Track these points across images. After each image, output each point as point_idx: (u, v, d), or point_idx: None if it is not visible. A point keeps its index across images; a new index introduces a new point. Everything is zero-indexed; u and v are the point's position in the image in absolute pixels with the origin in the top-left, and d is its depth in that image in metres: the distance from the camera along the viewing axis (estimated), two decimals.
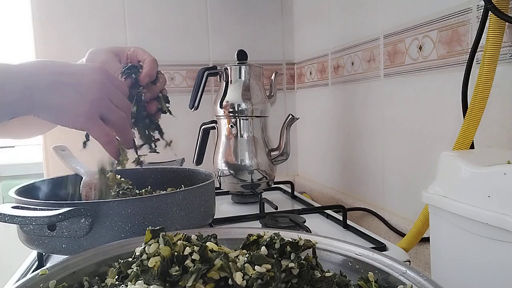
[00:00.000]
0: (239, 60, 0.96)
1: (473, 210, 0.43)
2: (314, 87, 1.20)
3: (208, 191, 0.64)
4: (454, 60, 0.67)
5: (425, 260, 0.73)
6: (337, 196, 1.06)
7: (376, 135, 0.90)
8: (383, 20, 0.84)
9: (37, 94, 0.48)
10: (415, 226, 0.65)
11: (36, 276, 0.34)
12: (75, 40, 1.15)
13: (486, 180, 0.43)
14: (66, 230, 0.50)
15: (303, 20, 1.26)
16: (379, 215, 0.87)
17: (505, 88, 0.58)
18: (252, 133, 0.95)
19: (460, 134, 0.57)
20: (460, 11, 0.65)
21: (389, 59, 0.83)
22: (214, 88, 1.25)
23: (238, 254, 0.34)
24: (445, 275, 0.50)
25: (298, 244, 0.36)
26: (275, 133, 0.98)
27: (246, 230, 0.43)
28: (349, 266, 0.39)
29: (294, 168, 1.36)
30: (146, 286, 0.31)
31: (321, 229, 0.74)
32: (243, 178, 0.95)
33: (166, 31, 1.21)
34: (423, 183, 0.54)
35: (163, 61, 1.20)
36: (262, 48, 1.29)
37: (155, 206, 0.55)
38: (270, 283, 0.31)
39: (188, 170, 0.79)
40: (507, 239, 0.40)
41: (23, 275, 0.61)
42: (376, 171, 0.91)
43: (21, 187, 0.63)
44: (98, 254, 0.39)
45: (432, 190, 0.51)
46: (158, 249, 0.32)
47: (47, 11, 1.13)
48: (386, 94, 0.85)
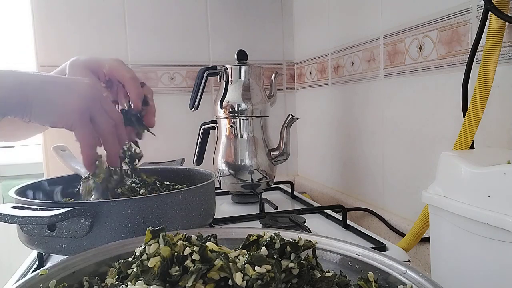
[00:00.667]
0: (239, 60, 0.96)
1: (473, 210, 0.43)
2: (314, 87, 1.20)
3: (208, 191, 0.64)
4: (454, 60, 0.67)
5: (425, 260, 0.73)
6: (337, 196, 1.06)
7: (376, 135, 0.90)
8: (383, 20, 0.84)
9: (30, 89, 0.48)
10: (415, 226, 0.65)
11: (36, 276, 0.34)
12: (75, 40, 1.15)
13: (486, 180, 0.43)
14: (66, 230, 0.50)
15: (303, 20, 1.26)
16: (379, 215, 0.87)
17: (505, 88, 0.58)
18: (252, 133, 0.95)
19: (460, 134, 0.57)
20: (460, 11, 0.65)
21: (389, 59, 0.83)
22: (214, 88, 1.25)
23: (238, 254, 0.34)
24: (445, 275, 0.50)
25: (298, 244, 0.36)
26: (275, 133, 0.98)
27: (246, 230, 0.43)
28: (349, 266, 0.39)
29: (294, 168, 1.36)
30: (146, 286, 0.31)
31: (321, 229, 0.74)
32: (243, 178, 0.95)
33: (166, 31, 1.21)
34: (423, 183, 0.54)
35: (163, 61, 1.22)
36: (262, 48, 1.29)
37: (155, 206, 0.54)
38: (270, 284, 0.31)
39: (188, 170, 0.79)
40: (507, 239, 0.40)
41: (23, 275, 0.61)
42: (376, 171, 0.91)
43: (21, 187, 0.63)
44: (98, 254, 0.39)
45: (432, 190, 0.51)
46: (158, 249, 0.32)
47: (47, 11, 1.13)
48: (386, 94, 0.85)
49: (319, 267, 0.36)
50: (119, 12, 1.18)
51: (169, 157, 1.08)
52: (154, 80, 1.21)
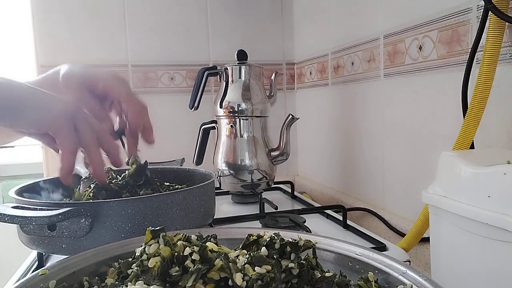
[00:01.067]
0: (239, 60, 0.96)
1: (473, 210, 0.43)
2: (314, 87, 1.20)
3: (208, 191, 0.64)
4: (454, 60, 0.67)
5: (425, 260, 0.73)
6: (337, 196, 1.06)
7: (376, 135, 0.90)
8: (383, 20, 0.84)
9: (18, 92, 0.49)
10: (415, 226, 0.65)
11: (36, 276, 0.34)
12: (75, 40, 1.15)
13: (486, 180, 0.43)
14: (66, 230, 0.50)
15: (303, 20, 1.26)
16: (379, 215, 0.87)
17: (505, 88, 0.58)
18: (252, 133, 0.95)
19: (460, 134, 0.57)
20: (460, 11, 0.65)
21: (389, 59, 0.83)
22: (214, 88, 1.25)
23: (238, 254, 0.34)
24: (445, 275, 0.50)
25: (298, 244, 0.36)
26: (275, 133, 0.98)
27: (246, 230, 0.43)
28: (349, 266, 0.39)
29: (294, 168, 1.36)
30: (146, 287, 0.31)
31: (321, 229, 0.74)
32: (243, 178, 0.95)
33: (166, 31, 1.21)
34: (423, 183, 0.54)
35: (163, 61, 1.22)
36: (262, 48, 1.29)
37: (155, 206, 0.54)
38: (270, 284, 0.31)
39: (188, 170, 0.79)
40: (507, 239, 0.40)
41: (23, 275, 0.61)
42: (376, 171, 0.91)
43: (21, 187, 0.63)
44: (98, 254, 0.39)
45: (432, 190, 0.51)
46: (158, 249, 0.32)
47: (47, 11, 1.13)
48: (386, 94, 0.85)
49: (319, 267, 0.36)
50: (119, 12, 1.18)
51: (169, 157, 1.08)
52: (154, 80, 1.21)
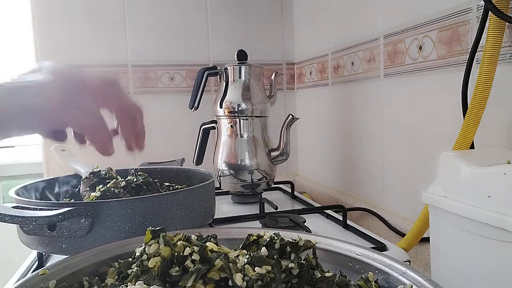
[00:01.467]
0: (239, 60, 0.96)
1: (473, 210, 0.43)
2: (314, 87, 1.20)
3: (208, 191, 0.64)
4: (454, 60, 0.67)
5: (425, 260, 0.73)
6: (337, 196, 1.06)
7: (376, 135, 0.90)
8: (383, 20, 0.84)
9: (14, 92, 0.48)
10: (415, 226, 0.65)
11: (36, 276, 0.34)
12: (75, 40, 1.15)
13: (486, 180, 0.43)
14: (66, 230, 0.50)
15: (303, 20, 1.26)
16: (379, 215, 0.87)
17: (505, 88, 0.58)
18: (252, 133, 0.95)
19: (460, 134, 0.57)
20: (460, 11, 0.65)
21: (389, 59, 0.83)
22: (214, 88, 1.25)
23: (238, 255, 0.34)
24: (445, 275, 0.50)
25: (298, 244, 0.36)
26: (275, 133, 0.98)
27: (246, 230, 0.43)
28: (349, 266, 0.39)
29: (294, 168, 1.36)
30: (146, 287, 0.31)
31: (321, 229, 0.74)
32: (243, 178, 0.95)
33: (166, 31, 1.21)
34: (423, 183, 0.54)
35: (163, 61, 1.22)
36: (262, 48, 1.29)
37: (155, 206, 0.54)
38: (270, 284, 0.31)
39: (188, 170, 0.79)
40: (507, 239, 0.40)
41: (23, 275, 0.61)
42: (376, 171, 0.91)
43: (21, 187, 0.63)
44: (98, 254, 0.39)
45: (432, 190, 0.51)
46: (158, 249, 0.32)
47: (47, 11, 1.13)
48: (386, 94, 0.85)
49: (319, 267, 0.36)
50: (119, 12, 1.18)
51: (169, 157, 1.08)
52: (154, 80, 1.21)
